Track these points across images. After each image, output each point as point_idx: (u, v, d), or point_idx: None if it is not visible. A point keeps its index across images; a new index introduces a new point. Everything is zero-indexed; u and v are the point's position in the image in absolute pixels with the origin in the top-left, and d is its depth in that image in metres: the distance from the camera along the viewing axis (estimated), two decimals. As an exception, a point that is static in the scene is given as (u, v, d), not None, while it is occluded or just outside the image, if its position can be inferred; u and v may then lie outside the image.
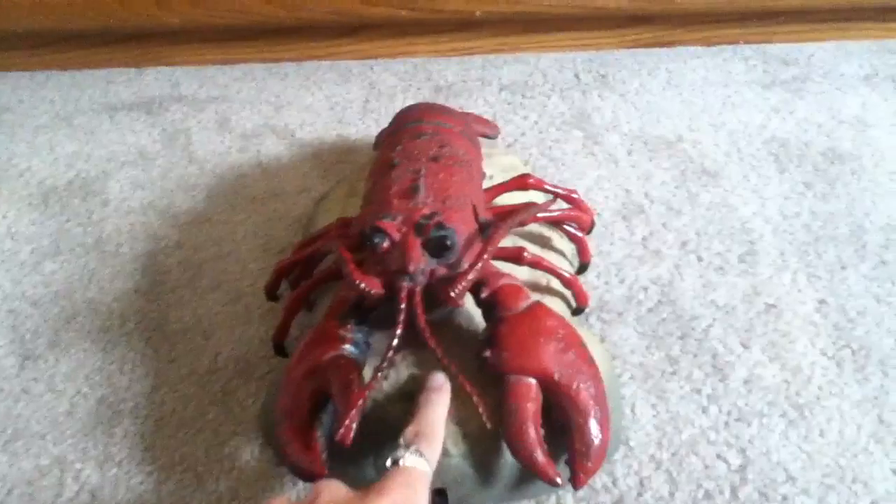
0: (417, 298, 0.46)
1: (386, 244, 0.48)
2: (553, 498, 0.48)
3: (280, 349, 0.56)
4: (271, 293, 0.60)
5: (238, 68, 0.92)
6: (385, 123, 0.77)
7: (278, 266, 0.59)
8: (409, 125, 0.61)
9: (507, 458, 0.47)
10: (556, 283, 0.57)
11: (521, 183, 0.59)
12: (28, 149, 0.81)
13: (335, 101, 0.87)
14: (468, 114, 0.73)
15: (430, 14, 0.88)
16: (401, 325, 0.45)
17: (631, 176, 0.74)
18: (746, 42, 0.93)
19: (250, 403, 0.55)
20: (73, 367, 0.58)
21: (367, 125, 0.83)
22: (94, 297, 0.64)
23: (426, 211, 0.49)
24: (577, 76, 0.89)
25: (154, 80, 0.91)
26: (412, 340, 0.47)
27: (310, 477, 0.44)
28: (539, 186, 0.59)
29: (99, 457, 0.52)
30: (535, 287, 0.56)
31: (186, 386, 0.56)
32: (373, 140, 0.79)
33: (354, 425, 0.42)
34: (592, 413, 0.45)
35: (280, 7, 0.87)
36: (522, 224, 0.55)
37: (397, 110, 0.83)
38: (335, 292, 0.52)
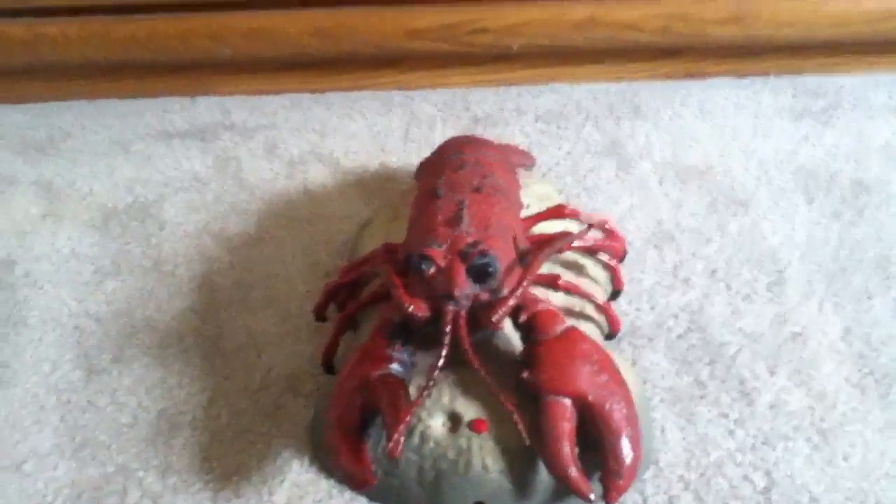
0: (461, 322, 0.49)
1: (432, 270, 0.51)
2: (586, 513, 0.51)
3: (329, 367, 0.60)
4: (320, 314, 0.63)
5: (286, 97, 0.97)
6: (425, 152, 0.81)
7: (327, 288, 0.63)
8: (451, 157, 0.64)
9: (544, 475, 0.50)
10: (589, 309, 0.60)
11: (557, 212, 0.62)
12: (89, 173, 0.86)
13: (377, 130, 0.91)
14: (506, 145, 0.76)
15: (468, 47, 0.92)
16: (445, 347, 0.48)
17: (662, 204, 0.76)
18: (776, 73, 0.95)
19: (300, 417, 0.58)
20: (134, 381, 0.62)
21: (407, 153, 0.87)
22: (153, 316, 0.68)
23: (470, 239, 0.52)
24: (610, 106, 0.92)
25: (206, 108, 0.96)
26: (453, 360, 0.50)
27: (360, 485, 0.47)
28: (575, 216, 0.62)
29: (160, 466, 0.56)
30: (570, 312, 0.59)
31: (240, 400, 0.60)
32: (413, 167, 0.82)
33: (402, 439, 0.46)
34: (624, 433, 0.48)
35: (327, 40, 0.92)
36: (559, 252, 0.58)
37: (437, 139, 0.87)
38: (380, 313, 0.55)
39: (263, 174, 0.84)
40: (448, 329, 0.49)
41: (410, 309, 0.49)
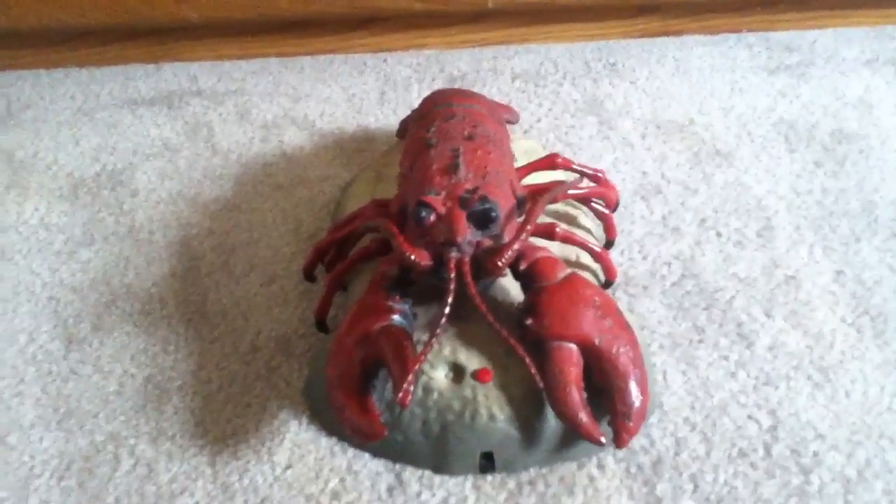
0: (465, 268, 0.48)
1: (432, 218, 0.49)
2: (594, 459, 0.50)
3: (322, 325, 0.58)
4: (309, 273, 0.62)
5: (254, 63, 0.94)
6: (402, 113, 0.80)
7: (316, 247, 0.61)
8: (439, 108, 0.63)
9: (551, 422, 0.49)
10: (584, 258, 0.59)
11: (549, 162, 0.61)
12: (53, 143, 0.82)
13: (352, 93, 0.88)
14: (491, 99, 0.75)
15: (443, 6, 0.90)
16: (451, 293, 0.47)
17: (646, 158, 0.76)
18: (750, 30, 0.95)
19: (294, 378, 0.57)
20: (117, 349, 0.60)
21: (385, 115, 0.85)
22: (132, 283, 0.65)
23: (468, 185, 0.51)
24: (587, 65, 0.91)
25: (172, 75, 0.93)
26: (453, 313, 0.49)
27: (371, 437, 0.46)
28: (567, 166, 0.62)
29: (152, 432, 0.54)
30: (565, 262, 0.58)
31: (231, 364, 0.58)
32: (391, 128, 0.81)
33: (412, 388, 0.44)
34: (632, 376, 0.48)
35: (296, 2, 0.89)
36: (555, 200, 0.58)
37: (413, 100, 0.85)
38: (374, 269, 0.54)
39: (237, 139, 0.82)
40: (452, 276, 0.48)
41: (412, 257, 0.48)
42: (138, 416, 0.55)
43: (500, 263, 0.47)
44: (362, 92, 0.88)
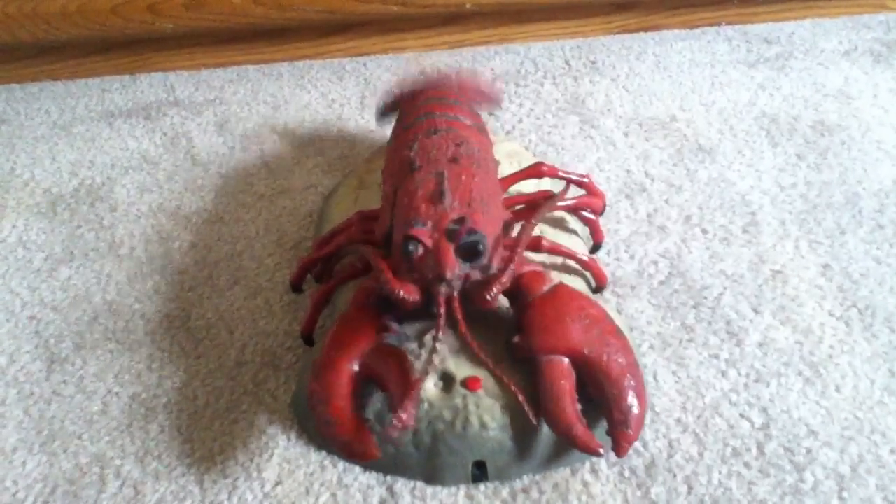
0: (455, 304, 0.48)
1: (420, 252, 0.49)
2: (588, 465, 0.50)
3: (309, 340, 0.57)
4: (297, 287, 0.61)
5: (232, 71, 0.93)
6: (383, 118, 0.79)
7: (302, 262, 0.60)
8: (420, 119, 0.62)
9: (544, 430, 0.48)
10: (573, 263, 0.59)
11: (535, 171, 0.61)
12: (29, 159, 0.81)
13: (332, 99, 0.88)
14: (471, 87, 0.72)
15: (420, 8, 0.89)
16: (441, 330, 0.47)
17: (630, 156, 0.76)
18: (728, 23, 0.96)
19: (282, 393, 0.56)
20: (101, 368, 0.59)
21: (366, 119, 0.84)
22: (114, 300, 0.64)
23: (454, 215, 0.50)
24: (567, 63, 0.91)
25: (149, 86, 0.92)
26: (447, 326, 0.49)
27: (363, 457, 0.45)
28: (553, 174, 0.61)
29: (138, 452, 0.53)
30: (554, 267, 0.58)
31: (216, 379, 0.57)
32: (373, 134, 0.80)
33: (415, 411, 0.44)
34: (626, 383, 0.47)
35: (271, 8, 0.88)
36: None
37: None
38: (361, 283, 0.53)
39: (217, 149, 0.81)
40: (442, 311, 0.47)
41: (401, 294, 0.47)
42: (124, 436, 0.54)
43: (488, 298, 0.47)
44: (342, 97, 0.88)
